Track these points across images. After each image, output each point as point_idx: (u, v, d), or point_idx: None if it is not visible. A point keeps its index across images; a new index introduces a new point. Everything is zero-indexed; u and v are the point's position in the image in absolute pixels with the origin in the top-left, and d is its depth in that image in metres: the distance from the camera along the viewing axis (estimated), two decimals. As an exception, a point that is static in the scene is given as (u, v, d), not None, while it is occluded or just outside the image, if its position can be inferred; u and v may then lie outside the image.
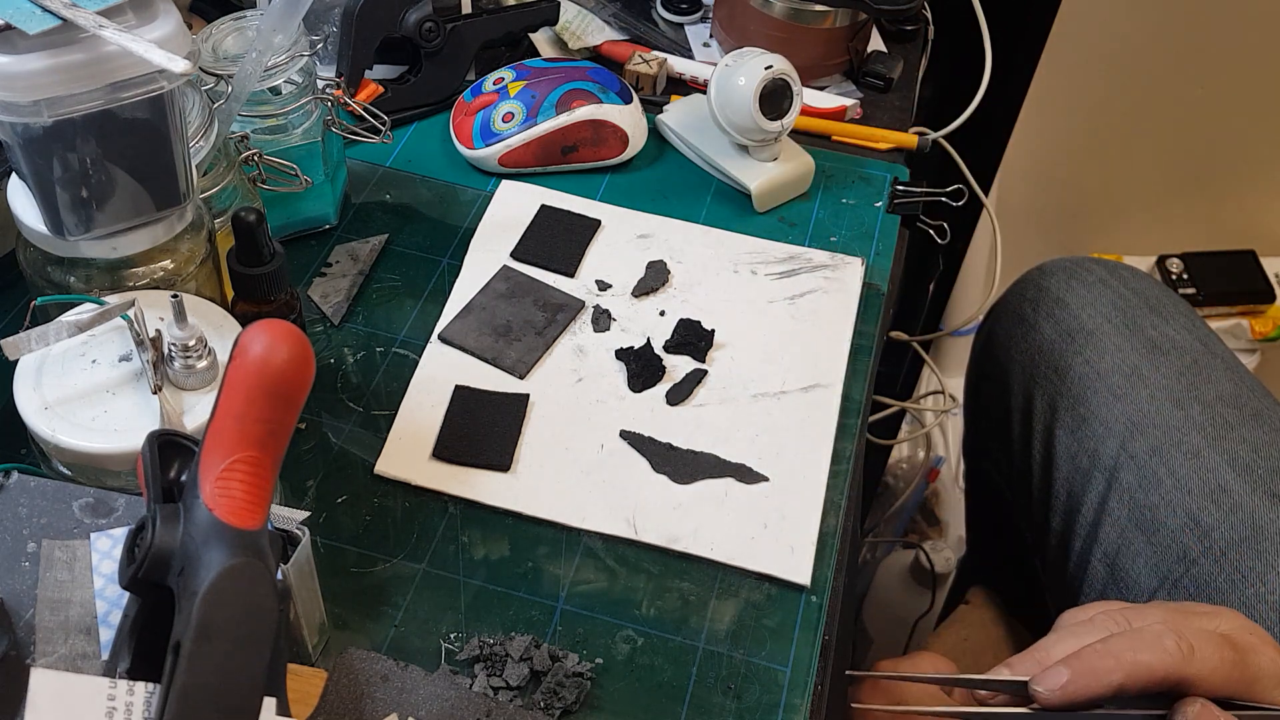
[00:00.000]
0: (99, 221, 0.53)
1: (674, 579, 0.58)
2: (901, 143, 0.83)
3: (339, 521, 0.59)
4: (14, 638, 0.43)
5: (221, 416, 0.39)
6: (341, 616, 0.55)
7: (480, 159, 0.78)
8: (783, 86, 0.74)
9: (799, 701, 0.54)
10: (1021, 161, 1.31)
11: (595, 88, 0.78)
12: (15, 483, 0.47)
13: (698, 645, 0.55)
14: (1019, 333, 0.90)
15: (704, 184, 0.79)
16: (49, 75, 0.47)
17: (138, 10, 0.49)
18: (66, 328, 0.51)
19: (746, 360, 0.67)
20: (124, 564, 0.40)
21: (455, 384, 0.65)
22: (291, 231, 0.72)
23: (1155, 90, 1.46)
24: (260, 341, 0.38)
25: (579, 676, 0.53)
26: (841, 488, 0.62)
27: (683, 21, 0.90)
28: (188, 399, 0.51)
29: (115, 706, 0.38)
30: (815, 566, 0.58)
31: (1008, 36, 0.91)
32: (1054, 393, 0.86)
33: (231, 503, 0.38)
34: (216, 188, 0.61)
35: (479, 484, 0.60)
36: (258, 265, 0.57)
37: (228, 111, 0.62)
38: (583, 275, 0.72)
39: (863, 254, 0.74)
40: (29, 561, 0.45)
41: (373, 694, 0.51)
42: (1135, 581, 0.77)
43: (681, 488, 0.61)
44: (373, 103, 0.74)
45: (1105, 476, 0.80)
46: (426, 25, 0.77)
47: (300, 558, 0.48)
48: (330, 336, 0.68)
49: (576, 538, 0.59)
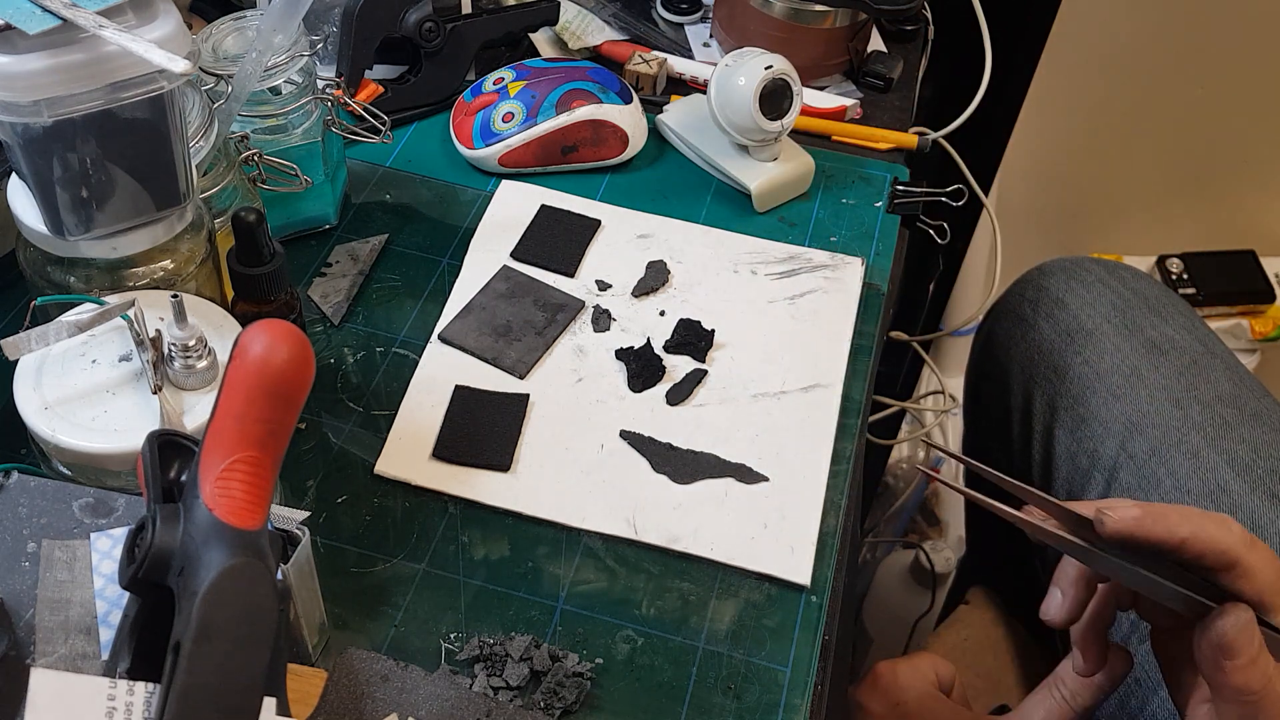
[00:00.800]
0: (99, 221, 0.53)
1: (674, 579, 0.58)
2: (901, 143, 0.83)
3: (339, 521, 0.59)
4: (14, 638, 0.43)
5: (221, 416, 0.39)
6: (341, 616, 0.55)
7: (480, 159, 0.78)
8: (783, 86, 0.74)
9: (799, 701, 0.54)
10: (1021, 161, 1.31)
11: (595, 88, 0.78)
12: (15, 483, 0.47)
13: (698, 645, 0.55)
14: (1018, 333, 0.90)
15: (704, 184, 0.79)
16: (49, 75, 0.47)
17: (138, 10, 0.49)
18: (66, 328, 0.51)
19: (746, 360, 0.67)
20: (124, 564, 0.40)
21: (455, 384, 0.65)
22: (291, 231, 0.72)
23: (1155, 90, 1.46)
24: (260, 341, 0.38)
25: (579, 676, 0.53)
26: (841, 488, 0.62)
27: (683, 21, 0.90)
28: (188, 399, 0.51)
29: (115, 706, 0.38)
30: (815, 566, 0.58)
31: (1008, 36, 0.91)
32: (1053, 393, 0.86)
33: (231, 503, 0.38)
34: (216, 188, 0.61)
35: (479, 484, 0.60)
36: (258, 265, 0.57)
37: (228, 111, 0.62)
38: (583, 275, 0.72)
39: (863, 254, 0.74)
40: (29, 561, 0.45)
41: (373, 694, 0.51)
42: (1135, 581, 0.77)
43: (681, 488, 0.61)
44: (373, 103, 0.74)
45: (1105, 476, 0.80)
46: (426, 25, 0.77)
47: (300, 558, 0.48)
48: (330, 336, 0.68)
49: (576, 538, 0.59)
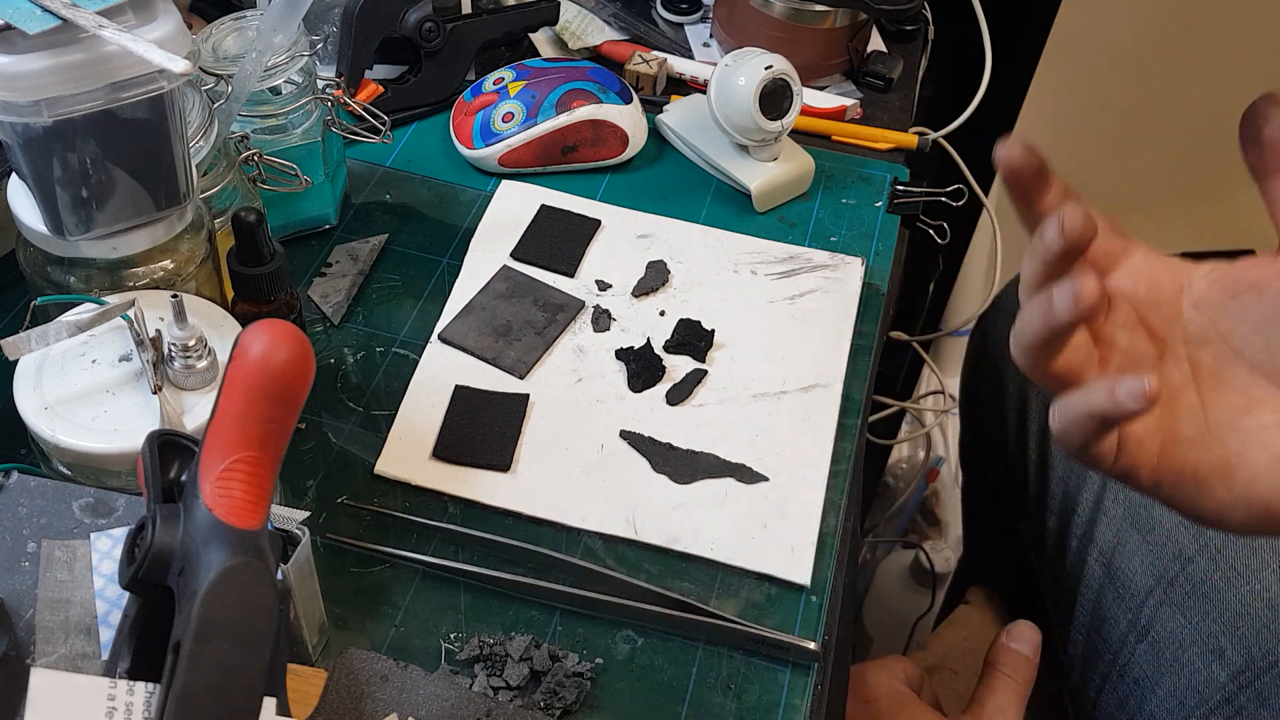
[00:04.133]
0: (99, 221, 0.53)
1: (674, 579, 0.58)
2: (901, 143, 0.83)
3: (339, 521, 0.59)
4: (14, 638, 0.43)
5: (221, 416, 0.39)
6: (341, 616, 0.55)
7: (480, 159, 0.78)
8: (783, 86, 0.74)
9: (799, 701, 0.54)
10: (1021, 161, 1.31)
11: (595, 88, 0.78)
12: (15, 483, 0.47)
13: (698, 645, 0.55)
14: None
15: (704, 184, 0.79)
16: (49, 75, 0.47)
17: (138, 10, 0.49)
18: (66, 328, 0.51)
19: (746, 360, 0.67)
20: (124, 564, 0.40)
21: (455, 384, 0.65)
22: (291, 231, 0.72)
23: (1155, 90, 1.46)
24: (260, 341, 0.38)
25: (579, 676, 0.53)
26: (841, 488, 0.62)
27: (683, 21, 0.90)
28: (188, 399, 0.51)
29: (115, 706, 0.38)
30: (815, 566, 0.58)
31: (1008, 36, 0.91)
32: (1049, 392, 0.86)
33: (231, 503, 0.38)
34: (216, 188, 0.61)
35: (479, 484, 0.60)
36: (258, 265, 0.57)
37: (228, 111, 0.62)
38: (583, 275, 0.72)
39: (863, 254, 0.74)
40: (29, 561, 0.45)
41: (373, 694, 0.51)
42: (1131, 580, 0.77)
43: (681, 488, 0.61)
44: (373, 103, 0.74)
45: (1100, 475, 0.80)
46: (426, 25, 0.77)
47: (300, 558, 0.48)
48: (330, 336, 0.68)
49: (576, 538, 0.59)
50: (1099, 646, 0.79)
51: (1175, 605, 0.75)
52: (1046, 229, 0.44)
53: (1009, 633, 0.75)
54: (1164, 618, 0.75)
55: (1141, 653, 0.75)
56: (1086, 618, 0.81)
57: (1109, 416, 0.44)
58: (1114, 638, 0.78)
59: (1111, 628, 0.78)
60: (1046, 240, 0.44)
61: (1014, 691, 0.73)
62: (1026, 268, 0.46)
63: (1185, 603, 0.74)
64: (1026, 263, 0.46)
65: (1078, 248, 0.44)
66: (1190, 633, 0.74)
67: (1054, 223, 0.44)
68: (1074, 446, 0.47)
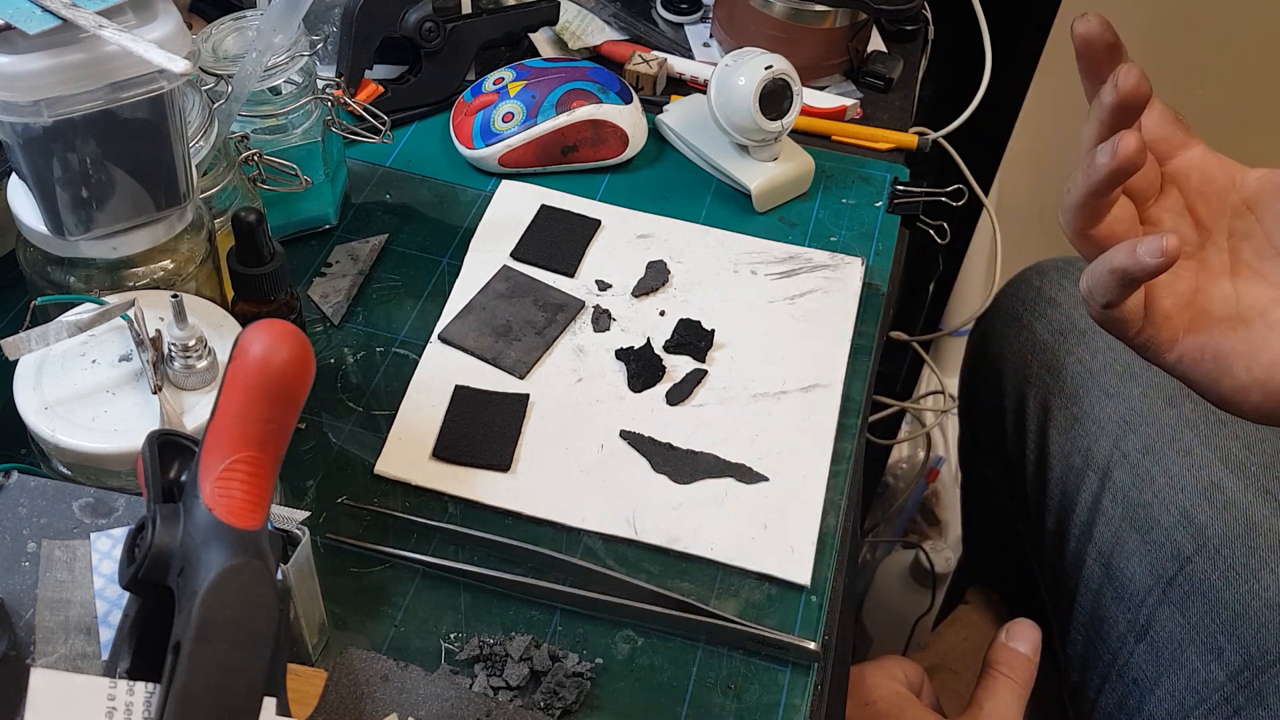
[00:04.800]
0: (99, 221, 0.53)
1: (674, 579, 0.58)
2: (901, 143, 0.83)
3: (339, 521, 0.59)
4: (14, 638, 0.43)
5: (221, 416, 0.39)
6: (341, 616, 0.55)
7: (480, 159, 0.78)
8: (783, 86, 0.74)
9: (799, 701, 0.54)
10: (1021, 161, 1.31)
11: (595, 88, 0.78)
12: (15, 483, 0.47)
13: (698, 645, 0.55)
14: (1012, 333, 0.90)
15: (704, 184, 0.79)
16: (49, 75, 0.47)
17: (138, 10, 0.49)
18: (66, 328, 0.51)
19: (746, 360, 0.67)
20: (124, 564, 0.40)
21: (455, 384, 0.65)
22: (291, 231, 0.72)
23: (1155, 90, 1.45)
24: (260, 341, 0.38)
25: (579, 676, 0.53)
26: (841, 488, 0.62)
27: (683, 21, 0.90)
28: (188, 399, 0.51)
29: (115, 706, 0.38)
30: (815, 566, 0.58)
31: (1008, 36, 0.91)
32: (1047, 392, 0.86)
33: (231, 503, 0.38)
34: (216, 188, 0.61)
35: (479, 484, 0.60)
36: (258, 265, 0.57)
37: (228, 111, 0.62)
38: (583, 275, 0.72)
39: (863, 254, 0.74)
40: (29, 561, 0.45)
41: (373, 694, 0.51)
42: (1130, 580, 0.77)
43: (681, 488, 0.61)
44: (373, 103, 0.74)
45: (1099, 475, 0.80)
46: (426, 25, 0.77)
47: (300, 558, 0.48)
48: (330, 336, 0.68)
49: (576, 538, 0.59)
50: (1098, 646, 0.80)
51: (1174, 605, 0.75)
52: (1104, 89, 0.47)
53: (1008, 632, 0.75)
54: (1163, 617, 0.75)
55: (1140, 652, 0.75)
56: (1085, 618, 0.81)
57: (1129, 272, 0.46)
58: (1113, 637, 0.78)
59: (1110, 628, 0.78)
60: (1103, 97, 0.47)
61: (1013, 691, 0.73)
62: (1084, 132, 0.49)
63: (1184, 602, 0.74)
64: (1085, 128, 0.49)
65: (1131, 104, 0.47)
66: (1189, 632, 0.74)
67: (1111, 80, 0.46)
68: (1098, 305, 0.49)
